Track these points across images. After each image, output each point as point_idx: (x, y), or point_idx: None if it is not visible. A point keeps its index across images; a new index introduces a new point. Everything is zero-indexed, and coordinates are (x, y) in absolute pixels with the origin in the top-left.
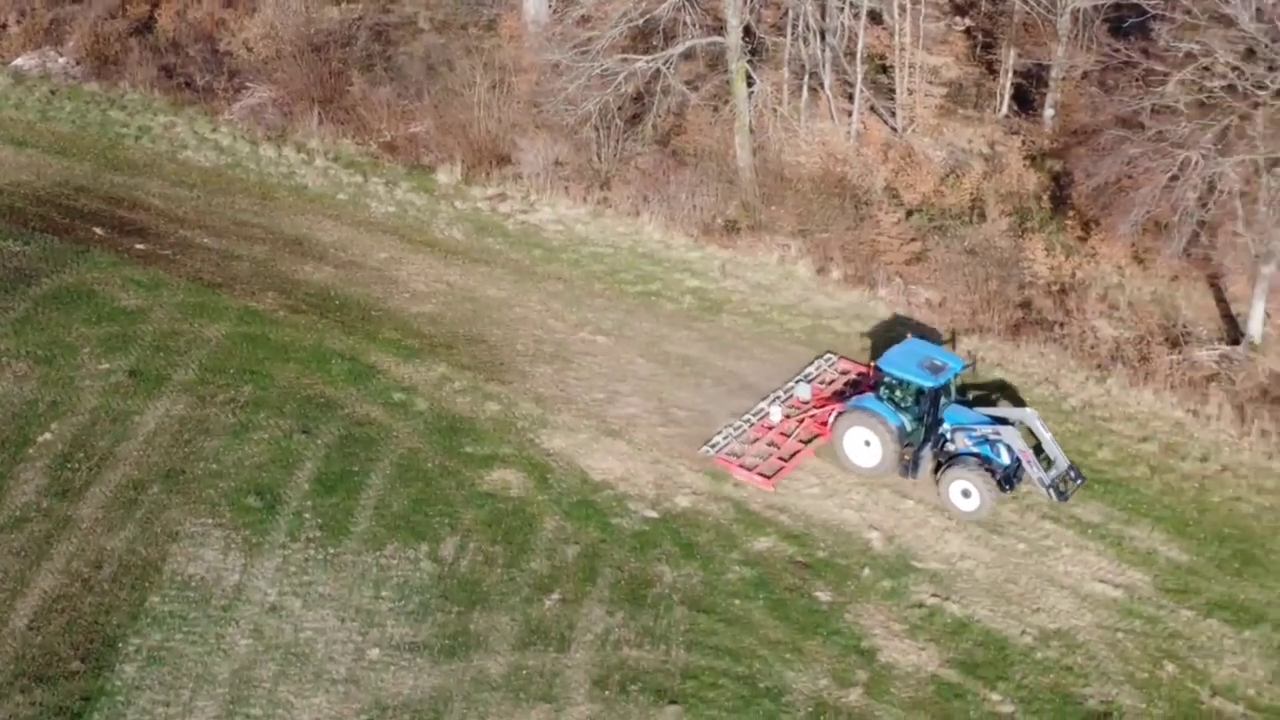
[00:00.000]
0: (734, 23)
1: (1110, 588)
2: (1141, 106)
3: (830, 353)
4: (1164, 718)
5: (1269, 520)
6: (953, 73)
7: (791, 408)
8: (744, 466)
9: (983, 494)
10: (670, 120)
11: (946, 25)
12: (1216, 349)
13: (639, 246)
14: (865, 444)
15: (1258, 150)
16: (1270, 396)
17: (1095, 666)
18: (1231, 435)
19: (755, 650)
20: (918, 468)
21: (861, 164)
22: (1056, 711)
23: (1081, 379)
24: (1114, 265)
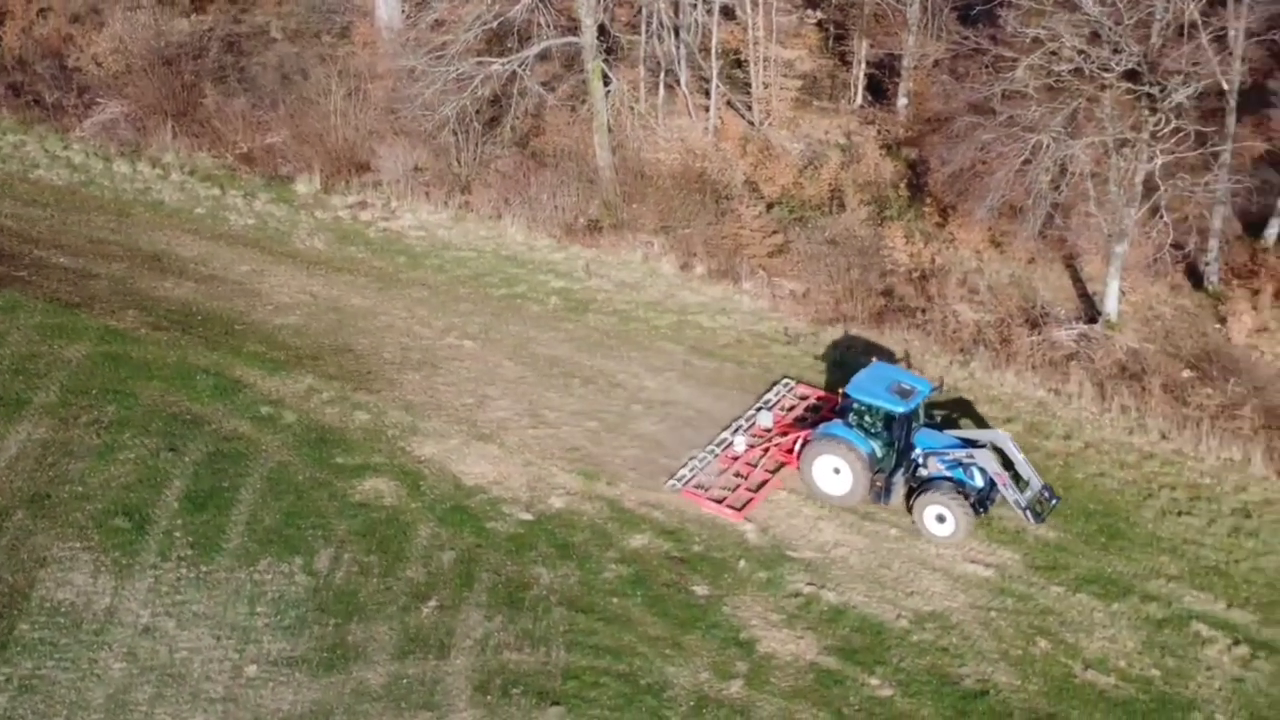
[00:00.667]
0: (588, 22)
1: (982, 568)
2: (992, 92)
3: (787, 378)
4: (1039, 693)
5: (1132, 494)
6: (807, 65)
7: (755, 436)
8: (712, 499)
9: (958, 518)
10: (529, 122)
11: (799, 18)
12: (1075, 328)
13: (502, 249)
14: (834, 472)
15: (1106, 132)
16: (1128, 373)
17: (970, 646)
18: (1093, 412)
19: (635, 647)
20: (889, 494)
21: (720, 159)
22: (934, 692)
23: (945, 363)
24: (972, 250)
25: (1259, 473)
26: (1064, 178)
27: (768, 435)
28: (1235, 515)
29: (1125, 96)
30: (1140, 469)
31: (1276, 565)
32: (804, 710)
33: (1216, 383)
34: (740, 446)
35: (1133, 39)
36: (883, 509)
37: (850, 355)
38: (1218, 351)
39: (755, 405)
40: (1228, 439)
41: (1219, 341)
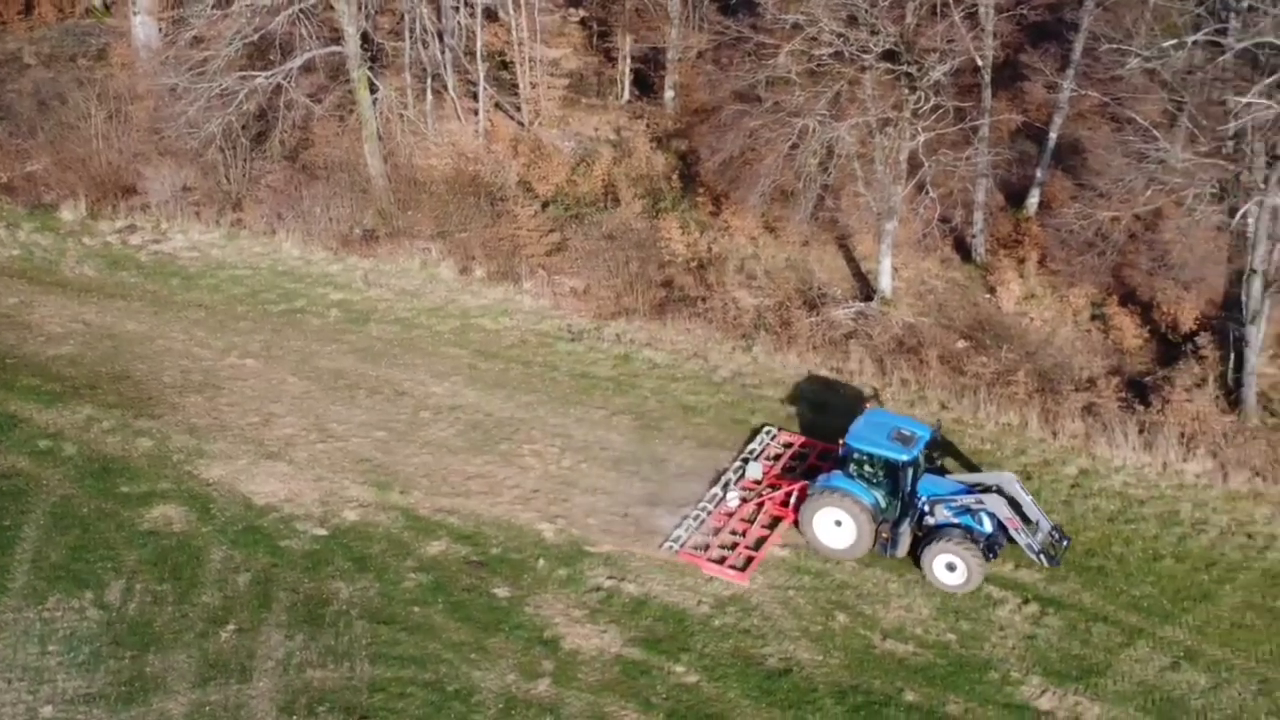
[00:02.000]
0: (350, 31)
1: (777, 548)
2: (757, 80)
3: (768, 425)
4: (841, 666)
5: None
6: (573, 64)
7: (745, 489)
8: (712, 560)
9: (970, 566)
10: (297, 135)
11: (562, 17)
12: (852, 307)
13: (279, 265)
14: (836, 524)
15: (869, 112)
16: (905, 346)
17: (771, 626)
18: (875, 387)
19: (440, 655)
20: (896, 544)
21: (493, 161)
22: (739, 674)
23: (729, 350)
24: (747, 237)
25: (1035, 435)
26: (831, 160)
27: (759, 487)
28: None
29: (885, 77)
30: None
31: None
32: (612, 703)
33: (990, 351)
34: (733, 502)
35: (889, 20)
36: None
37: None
38: (989, 320)
39: (740, 456)
40: (1004, 404)
41: (990, 311)
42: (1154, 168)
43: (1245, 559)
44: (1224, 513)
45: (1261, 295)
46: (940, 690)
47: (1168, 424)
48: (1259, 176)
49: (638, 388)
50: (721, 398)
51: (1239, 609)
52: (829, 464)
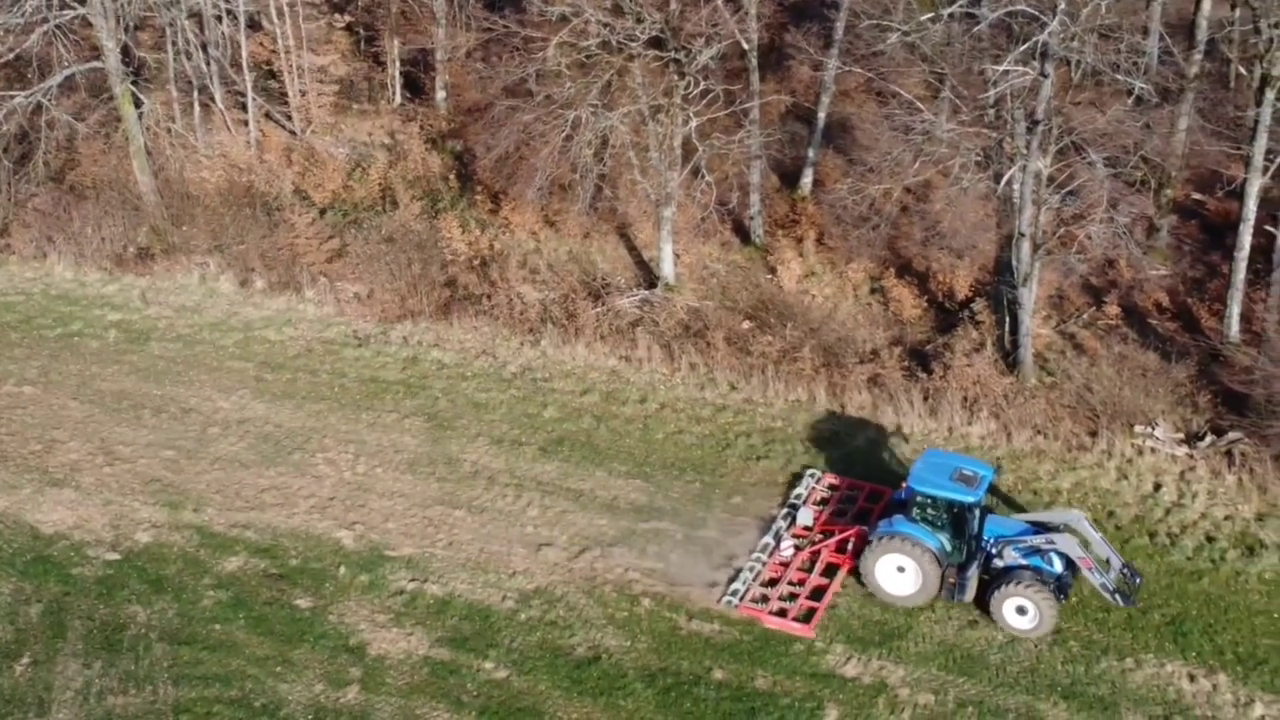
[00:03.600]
0: (110, 45)
1: (579, 537)
2: (527, 75)
3: (811, 469)
4: (648, 650)
5: (712, 446)
6: (341, 70)
7: (797, 536)
8: (774, 613)
9: (1042, 610)
10: (62, 155)
11: (327, 24)
12: (636, 295)
13: (51, 289)
14: (899, 570)
15: (640, 100)
16: (691, 331)
17: (577, 616)
18: (664, 373)
19: (244, 670)
20: (964, 589)
21: (266, 171)
22: (548, 666)
23: (516, 345)
24: (528, 232)
25: (824, 409)
26: (606, 149)
27: (810, 534)
28: (810, 452)
29: (654, 64)
30: (715, 421)
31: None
32: (423, 705)
33: (775, 330)
34: (788, 552)
35: (653, 7)
36: (476, 496)
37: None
38: (772, 300)
39: (788, 502)
40: (792, 381)
41: (772, 291)
42: (920, 140)
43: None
44: (1009, 471)
45: (1031, 258)
46: (748, 666)
47: (950, 389)
48: (1020, 142)
49: (428, 389)
50: (512, 393)
51: None
52: (880, 506)
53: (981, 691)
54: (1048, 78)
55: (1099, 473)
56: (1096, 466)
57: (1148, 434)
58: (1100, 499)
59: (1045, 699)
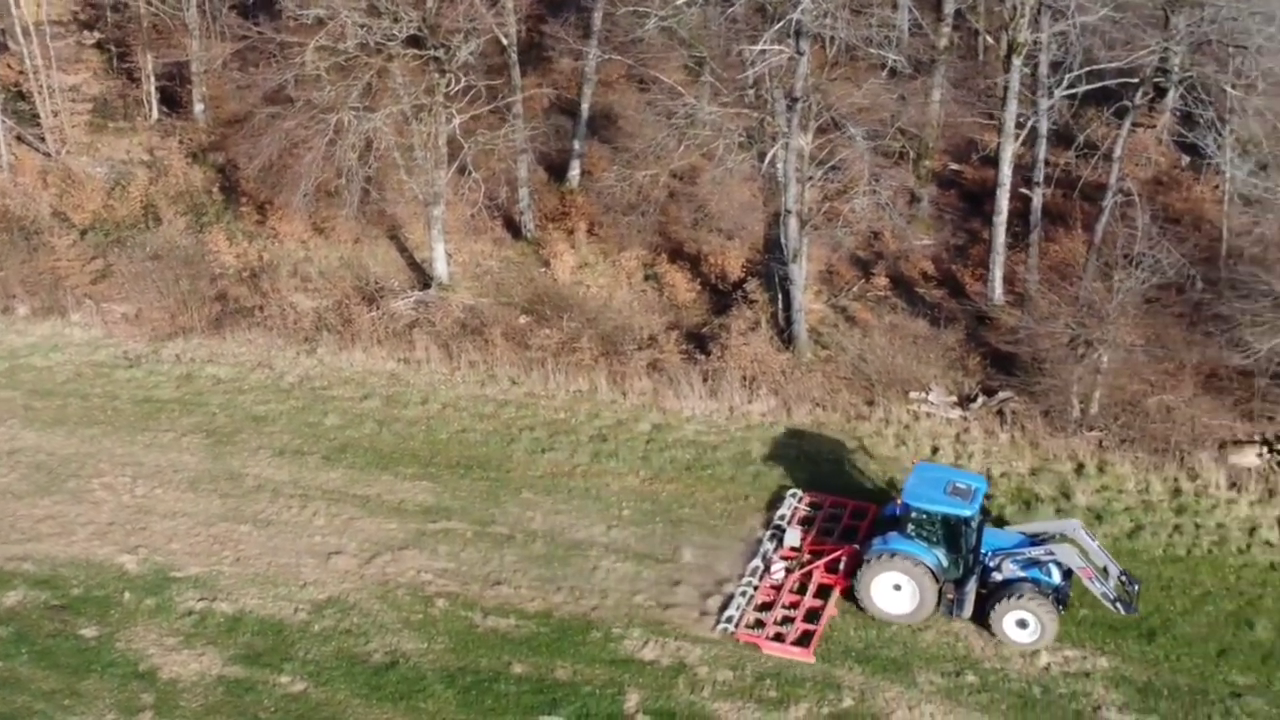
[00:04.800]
0: None
1: (369, 543)
2: (285, 80)
3: (792, 489)
4: (446, 651)
5: (497, 443)
6: (95, 88)
7: (784, 558)
8: (772, 639)
9: (1044, 623)
10: None
11: (77, 42)
12: (411, 296)
13: None
14: (895, 589)
15: (402, 100)
16: (469, 329)
17: (372, 622)
18: (444, 373)
19: (31, 706)
20: (963, 605)
21: (21, 194)
22: (345, 676)
23: (293, 355)
24: (298, 241)
25: (606, 397)
26: (371, 152)
27: (799, 555)
28: (594, 441)
29: (414, 63)
30: (499, 417)
31: (635, 485)
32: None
33: (552, 322)
34: (779, 575)
35: (410, 5)
36: (262, 510)
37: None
38: (548, 293)
39: (773, 523)
40: (573, 372)
41: (547, 284)
42: (683, 124)
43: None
44: (792, 446)
45: (799, 235)
46: (547, 658)
47: (729, 369)
48: (781, 121)
49: (204, 405)
50: (292, 404)
51: None
52: (865, 523)
53: (779, 664)
54: (803, 55)
55: (878, 440)
56: (876, 434)
57: (922, 399)
58: (881, 466)
59: (841, 665)
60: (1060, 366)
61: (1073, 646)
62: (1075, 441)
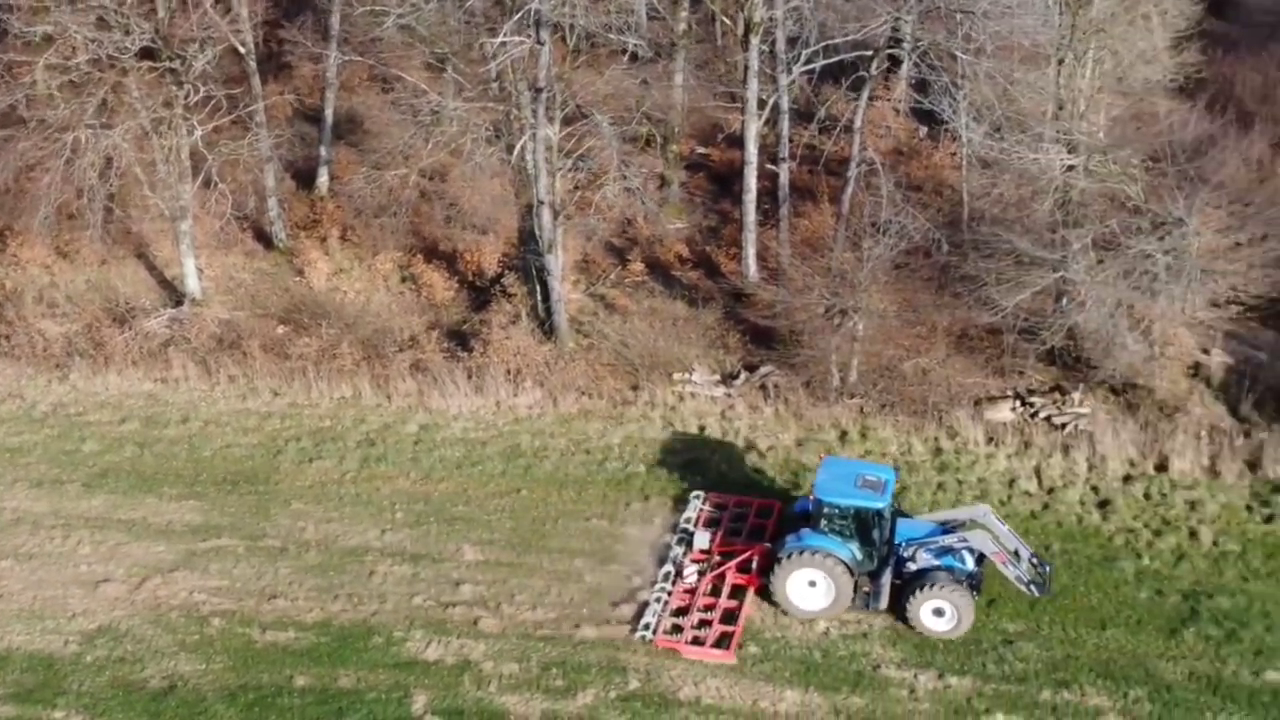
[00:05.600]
0: None
1: (138, 568)
2: (16, 101)
3: (696, 492)
4: (226, 670)
5: (263, 456)
6: None
7: (694, 561)
8: (691, 643)
9: (960, 610)
10: None
11: None
12: (164, 315)
13: None
14: (810, 585)
15: (140, 114)
16: (226, 343)
17: (147, 648)
18: (203, 390)
19: None
20: (879, 597)
21: None
22: (123, 704)
23: (44, 383)
24: (41, 266)
25: (371, 402)
26: (111, 170)
27: (709, 557)
28: (361, 446)
29: (150, 75)
30: (263, 430)
31: (407, 486)
32: None
33: (311, 330)
34: (693, 578)
35: (140, 16)
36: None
37: None
38: (304, 301)
39: (678, 528)
40: (335, 379)
41: (303, 292)
42: (429, 122)
43: (589, 474)
44: (560, 436)
45: (552, 225)
46: (329, 667)
47: (493, 364)
48: (527, 112)
49: None
50: (46, 433)
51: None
52: (773, 521)
53: (563, 652)
54: (544, 45)
55: (646, 424)
56: (643, 418)
57: (686, 380)
58: (650, 448)
59: (626, 649)
60: (818, 337)
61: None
62: (838, 409)
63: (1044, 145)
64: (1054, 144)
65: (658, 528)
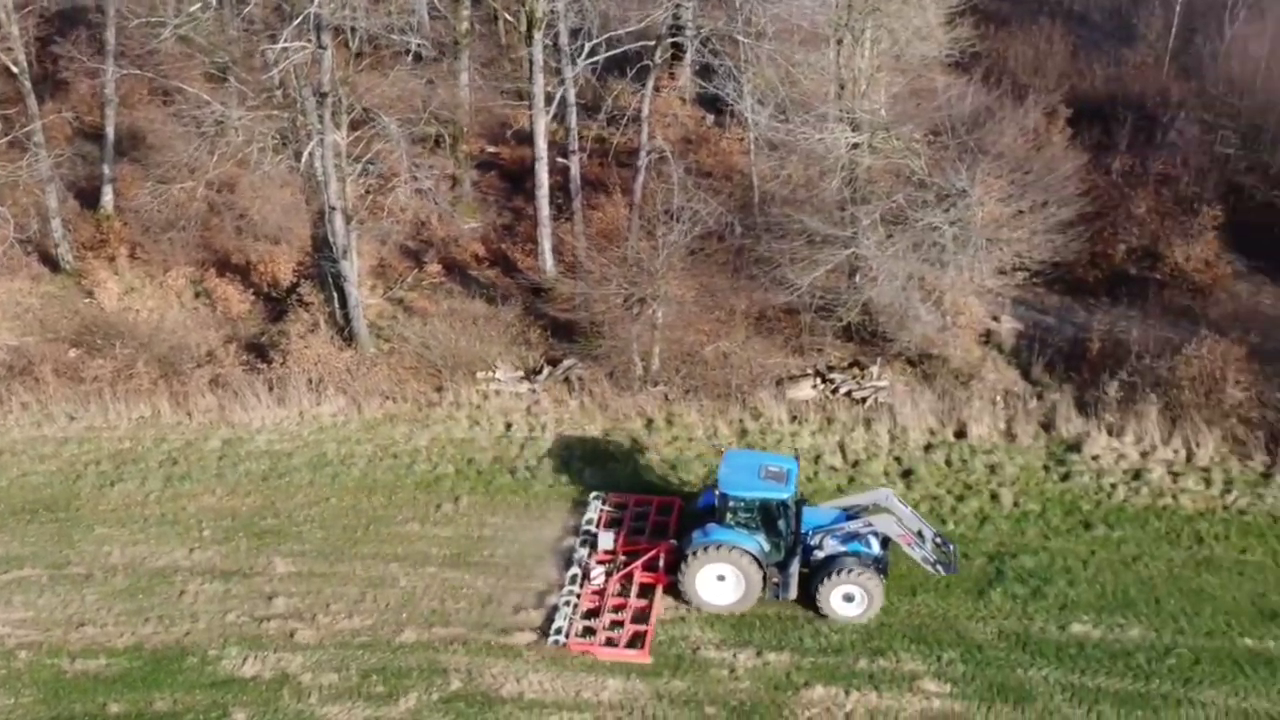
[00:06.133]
0: None
1: None
2: None
3: (596, 493)
4: (35, 702)
5: (61, 484)
6: None
7: (600, 563)
8: (606, 645)
9: (871, 594)
10: None
11: None
12: None
13: None
14: (719, 579)
15: None
16: (16, 370)
17: None
18: None
19: None
20: (788, 587)
21: None
22: None
23: None
24: None
25: (171, 420)
26: None
27: (614, 558)
28: (164, 465)
29: None
30: (60, 456)
31: (213, 503)
32: None
33: (105, 351)
34: (600, 580)
35: None
36: None
37: None
38: (96, 323)
39: (581, 529)
40: (132, 399)
41: (94, 313)
42: (213, 132)
43: (397, 478)
44: (366, 442)
45: (345, 231)
46: (144, 692)
47: (294, 375)
48: (313, 117)
49: None
50: None
51: (388, 543)
52: (674, 518)
53: (382, 659)
54: (326, 49)
55: (452, 424)
56: (449, 419)
57: (490, 378)
58: (458, 449)
59: (445, 650)
60: (618, 327)
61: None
62: (642, 398)
63: (828, 125)
64: (838, 123)
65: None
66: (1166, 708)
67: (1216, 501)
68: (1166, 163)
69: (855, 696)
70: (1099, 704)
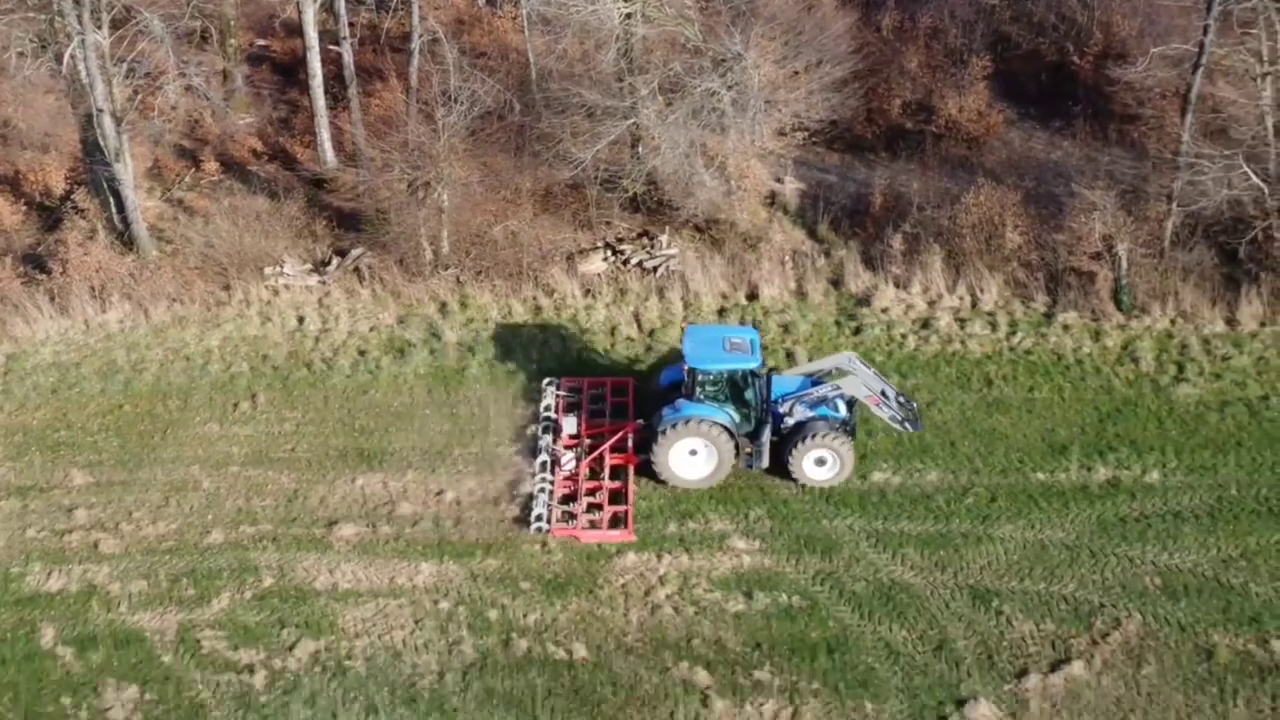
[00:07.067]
0: None
1: None
2: None
3: (549, 378)
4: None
5: None
6: None
7: (567, 448)
8: (589, 527)
9: (843, 457)
10: None
11: None
12: None
13: None
14: (691, 454)
15: None
16: None
17: None
18: None
19: None
20: (760, 456)
21: None
22: None
23: None
24: None
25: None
26: None
27: (580, 441)
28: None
29: None
30: None
31: (3, 420)
32: None
33: None
34: (570, 465)
35: None
36: None
37: None
38: None
39: (541, 417)
40: None
41: None
42: None
43: (191, 381)
44: (156, 346)
45: (116, 133)
46: None
47: (75, 284)
48: (71, 18)
49: None
50: None
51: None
52: (631, 398)
53: (191, 562)
54: None
55: (243, 322)
56: (239, 317)
57: (278, 273)
58: (251, 346)
59: (255, 547)
60: (404, 214)
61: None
62: (434, 283)
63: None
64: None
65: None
66: (967, 545)
67: (1003, 344)
68: (934, 16)
69: (667, 560)
70: (903, 547)
